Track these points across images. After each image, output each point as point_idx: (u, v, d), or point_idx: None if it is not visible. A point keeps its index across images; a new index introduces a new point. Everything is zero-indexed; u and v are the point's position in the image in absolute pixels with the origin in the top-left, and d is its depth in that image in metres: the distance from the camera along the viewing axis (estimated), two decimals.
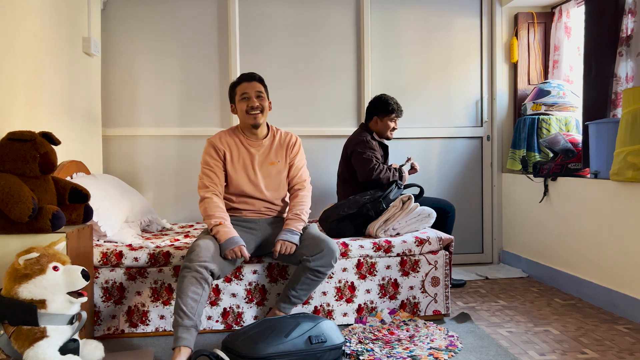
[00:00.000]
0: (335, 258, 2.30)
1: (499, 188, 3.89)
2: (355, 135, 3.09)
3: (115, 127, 3.47)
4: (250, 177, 2.42)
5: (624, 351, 2.19)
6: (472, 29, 3.85)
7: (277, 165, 2.46)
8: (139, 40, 3.50)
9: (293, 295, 2.31)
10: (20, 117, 2.23)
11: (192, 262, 2.09)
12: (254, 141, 2.45)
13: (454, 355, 2.15)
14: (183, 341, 1.97)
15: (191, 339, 2.00)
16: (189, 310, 2.02)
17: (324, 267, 2.27)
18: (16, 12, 2.20)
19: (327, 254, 2.27)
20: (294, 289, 2.30)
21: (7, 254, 1.83)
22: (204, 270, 2.08)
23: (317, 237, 2.33)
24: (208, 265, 2.10)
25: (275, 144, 2.48)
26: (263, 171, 2.44)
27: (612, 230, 2.74)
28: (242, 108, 2.39)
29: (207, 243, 2.18)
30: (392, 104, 3.05)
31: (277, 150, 2.47)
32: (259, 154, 2.44)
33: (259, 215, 2.46)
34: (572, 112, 3.55)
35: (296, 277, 2.30)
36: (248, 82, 2.41)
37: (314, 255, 2.25)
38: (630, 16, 2.90)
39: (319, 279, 2.30)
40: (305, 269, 2.26)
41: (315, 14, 3.66)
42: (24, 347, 1.65)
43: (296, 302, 2.34)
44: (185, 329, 2.00)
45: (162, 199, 3.54)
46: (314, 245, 2.28)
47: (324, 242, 2.29)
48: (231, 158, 2.41)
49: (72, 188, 2.09)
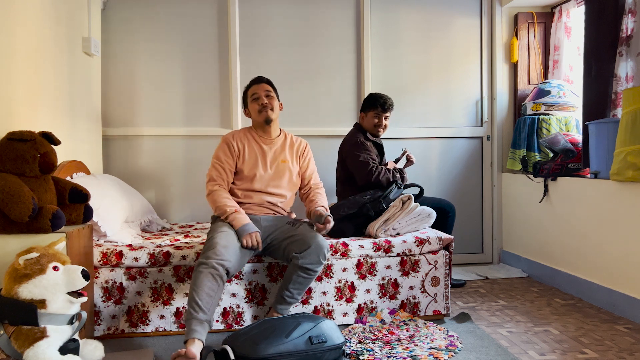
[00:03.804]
0: (324, 254, 2.30)
1: (499, 188, 3.89)
2: (349, 137, 3.06)
3: (115, 127, 3.47)
4: (261, 172, 2.50)
5: (624, 351, 2.19)
6: (472, 29, 3.85)
7: (288, 164, 2.55)
8: (139, 40, 3.50)
9: (287, 296, 2.32)
10: (20, 117, 2.23)
11: (210, 259, 2.11)
12: (267, 139, 2.57)
13: (454, 355, 2.15)
14: (196, 334, 1.97)
15: (204, 333, 2.00)
16: (204, 305, 2.03)
17: (312, 265, 2.28)
18: (16, 12, 2.20)
19: (315, 250, 2.27)
20: (287, 289, 2.31)
21: (7, 254, 1.83)
22: (221, 267, 2.10)
23: (306, 233, 2.35)
24: (225, 263, 2.12)
25: (287, 145, 2.60)
26: (275, 167, 2.52)
27: (612, 230, 2.74)
28: (254, 108, 2.54)
29: (225, 240, 2.20)
30: (376, 99, 3.01)
31: (289, 150, 2.59)
32: (271, 151, 2.54)
33: (262, 211, 2.49)
34: (572, 112, 3.55)
35: (288, 277, 2.32)
36: (257, 84, 2.56)
37: (302, 252, 2.27)
38: (630, 16, 2.90)
39: (310, 277, 2.31)
40: (295, 267, 2.28)
41: (315, 14, 3.67)
42: (24, 347, 1.65)
43: (292, 302, 2.35)
44: (199, 322, 2.00)
45: (162, 199, 3.54)
46: (303, 242, 2.30)
47: (312, 239, 2.31)
48: (244, 153, 2.51)
49: (72, 188, 2.09)
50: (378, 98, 3.02)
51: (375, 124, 3.02)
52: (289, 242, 2.34)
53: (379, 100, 3.01)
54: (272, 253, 2.45)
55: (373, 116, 3.02)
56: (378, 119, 3.02)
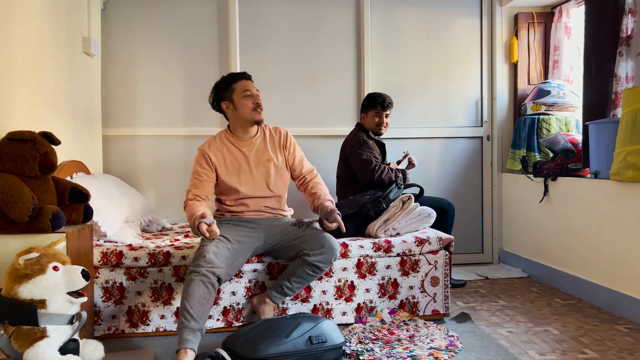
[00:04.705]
0: (335, 256, 2.30)
1: (499, 188, 3.89)
2: (352, 135, 3.08)
3: (115, 127, 3.47)
4: (246, 178, 2.42)
5: (624, 351, 2.19)
6: (472, 29, 3.85)
7: (273, 162, 2.47)
8: (139, 40, 3.50)
9: (287, 287, 2.31)
10: (20, 117, 2.23)
11: (201, 267, 2.08)
12: (246, 141, 2.46)
13: (454, 355, 2.15)
14: (188, 343, 1.96)
15: (196, 342, 1.99)
16: (196, 313, 2.02)
17: (323, 264, 2.28)
18: (16, 12, 2.20)
19: (328, 251, 2.27)
20: (289, 280, 2.30)
21: (7, 254, 1.83)
22: (212, 275, 2.08)
23: (318, 233, 2.34)
24: (216, 270, 2.10)
25: (268, 141, 2.50)
26: (260, 169, 2.45)
27: (612, 230, 2.74)
28: (247, 104, 2.39)
29: (215, 247, 2.18)
30: (375, 98, 3.03)
31: (270, 146, 2.49)
32: (252, 153, 2.45)
33: (260, 214, 2.47)
34: (572, 112, 3.55)
35: (293, 269, 2.30)
36: (247, 80, 2.44)
37: (314, 250, 2.26)
38: (630, 16, 2.90)
39: (316, 274, 2.31)
40: (304, 263, 2.27)
41: (315, 14, 3.67)
42: (24, 347, 1.65)
43: (288, 294, 2.33)
44: (191, 331, 1.99)
45: (162, 199, 3.54)
46: (315, 241, 2.29)
47: (325, 239, 2.30)
48: (225, 164, 2.41)
49: (72, 188, 2.09)
50: (377, 97, 3.04)
51: (376, 123, 3.04)
52: (300, 242, 2.32)
53: (377, 99, 3.03)
54: (279, 254, 2.41)
55: (374, 115, 3.04)
56: (379, 118, 3.04)
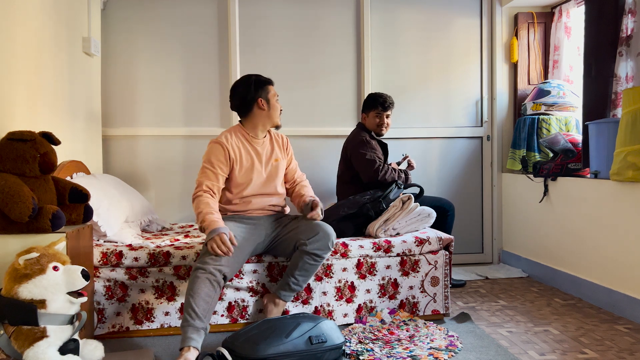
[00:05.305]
0: (332, 241, 2.33)
1: (499, 188, 3.89)
2: (354, 135, 3.07)
3: (115, 127, 3.47)
4: (259, 175, 2.45)
5: (624, 351, 2.19)
6: (472, 29, 3.85)
7: (279, 162, 2.52)
8: (139, 40, 3.50)
9: (293, 282, 2.33)
10: (20, 117, 2.23)
11: (207, 264, 2.10)
12: (259, 139, 2.51)
13: (454, 355, 2.15)
14: (192, 341, 1.97)
15: (200, 341, 2.00)
16: (201, 312, 2.03)
17: (321, 250, 2.30)
18: (16, 12, 2.20)
19: (323, 237, 2.30)
20: (294, 276, 2.32)
21: (7, 254, 1.83)
22: (218, 273, 2.10)
23: (311, 222, 2.37)
24: (222, 268, 2.11)
25: (275, 142, 2.56)
26: (269, 168, 2.49)
27: (612, 230, 2.74)
28: (278, 108, 2.49)
29: None
30: (376, 98, 3.04)
31: (277, 148, 2.55)
32: (264, 151, 2.50)
33: (263, 212, 2.48)
34: (572, 112, 3.55)
35: (294, 263, 2.32)
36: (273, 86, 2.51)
37: (310, 239, 2.28)
38: (630, 16, 2.90)
39: (317, 263, 2.33)
40: (303, 253, 2.29)
41: (315, 14, 3.67)
42: (24, 347, 1.65)
43: (296, 289, 2.35)
44: (195, 329, 2.00)
45: (162, 199, 3.54)
46: (310, 230, 2.32)
47: (318, 226, 2.34)
48: (241, 160, 2.41)
49: (72, 188, 2.09)
50: (378, 97, 3.04)
51: (377, 124, 3.05)
52: (296, 232, 2.35)
53: (378, 100, 3.03)
54: (278, 247, 2.43)
55: (375, 116, 3.04)
56: (380, 118, 3.04)
